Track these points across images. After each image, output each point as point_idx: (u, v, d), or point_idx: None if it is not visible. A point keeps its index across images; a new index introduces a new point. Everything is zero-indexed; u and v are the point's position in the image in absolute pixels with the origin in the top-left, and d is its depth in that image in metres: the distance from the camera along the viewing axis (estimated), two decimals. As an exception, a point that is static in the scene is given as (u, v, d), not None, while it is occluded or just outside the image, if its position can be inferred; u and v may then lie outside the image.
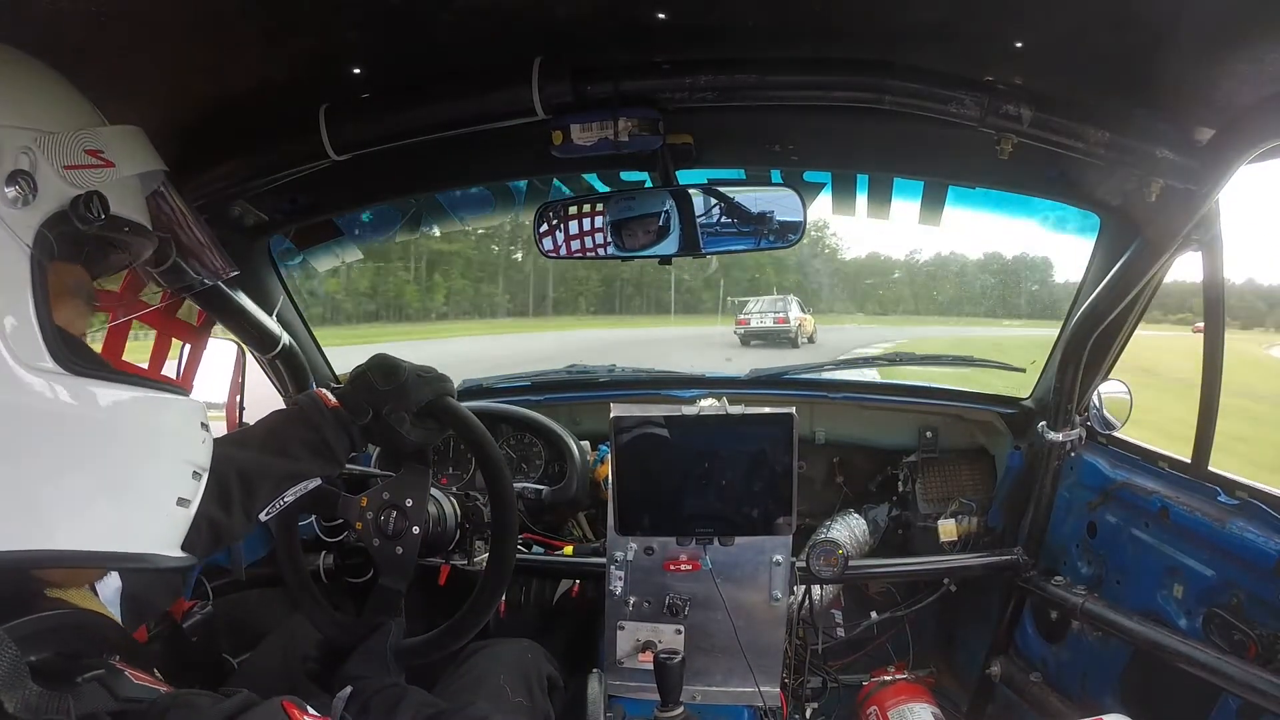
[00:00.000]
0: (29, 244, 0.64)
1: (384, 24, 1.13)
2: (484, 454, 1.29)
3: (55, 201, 0.66)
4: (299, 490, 1.15)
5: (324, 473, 1.19)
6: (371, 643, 1.21)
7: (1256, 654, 1.27)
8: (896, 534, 2.11)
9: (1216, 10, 1.00)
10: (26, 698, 0.54)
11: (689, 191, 1.54)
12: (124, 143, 0.74)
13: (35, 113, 0.68)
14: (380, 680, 1.11)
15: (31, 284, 0.63)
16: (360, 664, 1.19)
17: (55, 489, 0.64)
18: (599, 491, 1.90)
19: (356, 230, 1.90)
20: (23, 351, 0.62)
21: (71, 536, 0.64)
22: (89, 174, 0.69)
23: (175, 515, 0.74)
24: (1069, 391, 1.69)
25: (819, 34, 1.23)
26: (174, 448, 0.74)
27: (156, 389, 0.73)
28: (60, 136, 0.68)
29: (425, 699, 1.02)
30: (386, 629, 1.23)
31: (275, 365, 1.88)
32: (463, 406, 1.29)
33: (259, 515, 1.11)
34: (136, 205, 0.76)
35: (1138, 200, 1.39)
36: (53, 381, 0.63)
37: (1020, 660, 1.91)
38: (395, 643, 1.23)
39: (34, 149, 0.65)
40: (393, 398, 1.22)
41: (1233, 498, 1.39)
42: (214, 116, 1.26)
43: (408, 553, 1.31)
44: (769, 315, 16.64)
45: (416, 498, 1.32)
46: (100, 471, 0.67)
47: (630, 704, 1.60)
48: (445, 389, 1.27)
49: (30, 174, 0.64)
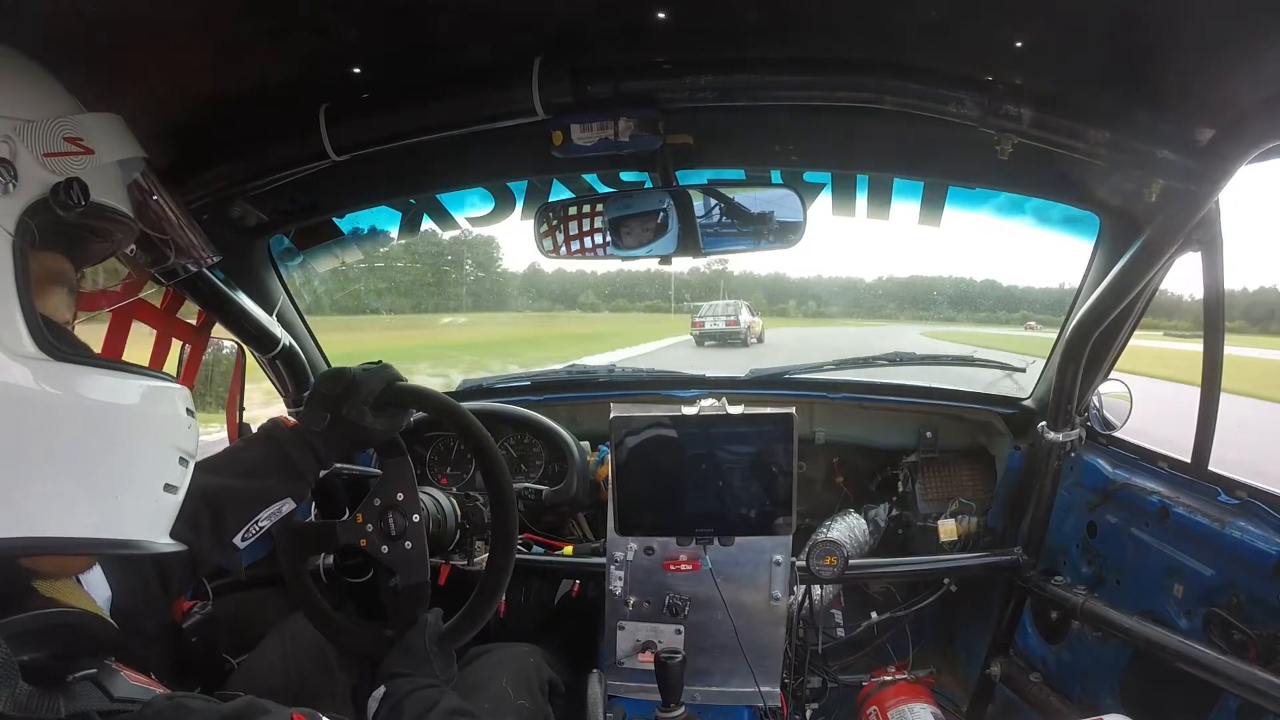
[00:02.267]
0: (10, 231, 0.64)
1: (384, 24, 1.14)
2: (455, 420, 1.29)
3: (36, 189, 0.66)
4: (273, 514, 1.15)
5: (293, 491, 1.17)
6: (410, 638, 1.20)
7: (1256, 654, 1.26)
8: (896, 534, 2.11)
9: (1216, 10, 1.00)
10: (16, 695, 0.54)
11: (689, 192, 1.54)
12: (103, 130, 0.74)
13: (13, 101, 0.68)
14: (415, 680, 1.10)
15: (14, 271, 0.63)
16: (400, 660, 1.17)
17: (41, 475, 0.63)
18: (599, 491, 1.90)
19: (356, 231, 1.90)
20: (6, 338, 0.62)
21: (59, 523, 0.64)
22: (69, 161, 0.69)
23: (163, 501, 0.73)
24: (1069, 391, 1.69)
25: (819, 34, 1.23)
26: (160, 433, 0.73)
27: (141, 374, 0.73)
28: (39, 124, 0.68)
29: (457, 705, 1.02)
30: (423, 624, 1.22)
31: (275, 365, 1.88)
32: (416, 385, 1.31)
33: (234, 540, 1.10)
34: (117, 192, 0.76)
35: (1138, 200, 1.39)
36: (37, 367, 0.63)
37: (1020, 660, 1.91)
38: (434, 634, 1.21)
39: (14, 137, 0.66)
40: (345, 397, 1.23)
41: (1233, 498, 1.39)
42: (214, 116, 1.26)
43: (417, 545, 1.31)
44: (721, 318, 18.36)
45: (406, 490, 1.32)
46: (86, 457, 0.66)
47: (630, 704, 1.60)
48: (393, 374, 1.28)
49: (10, 162, 0.65)
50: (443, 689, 1.09)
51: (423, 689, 1.07)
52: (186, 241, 0.90)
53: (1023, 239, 9.14)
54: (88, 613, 0.73)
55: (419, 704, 1.04)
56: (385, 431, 1.27)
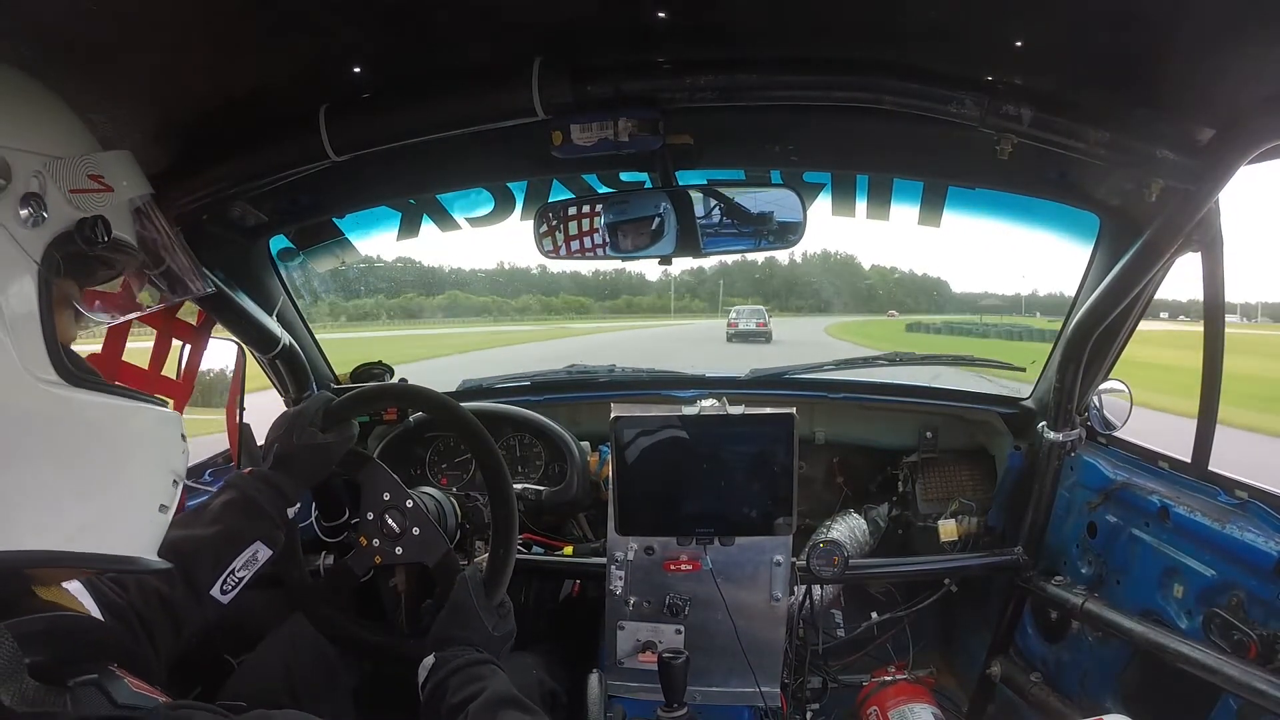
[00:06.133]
0: (38, 261, 0.68)
1: (384, 24, 1.13)
2: (420, 398, 1.35)
3: (62, 223, 0.70)
4: (247, 559, 1.14)
5: (261, 533, 1.17)
6: (456, 598, 1.20)
7: (1256, 654, 1.26)
8: (896, 534, 2.11)
9: (1216, 10, 0.99)
10: (23, 690, 0.55)
11: (689, 192, 1.54)
12: (120, 167, 0.78)
13: (44, 137, 0.71)
14: (465, 652, 1.10)
15: (38, 299, 0.68)
16: (450, 622, 1.17)
17: (52, 493, 0.67)
18: (599, 492, 1.90)
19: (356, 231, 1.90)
20: (31, 363, 0.66)
21: (67, 539, 0.67)
22: (92, 198, 0.73)
23: (156, 521, 0.77)
24: (1069, 391, 1.69)
25: (819, 34, 1.23)
26: (159, 455, 0.78)
27: (144, 400, 0.77)
28: (66, 161, 0.72)
29: (503, 693, 1.00)
30: (463, 581, 1.21)
31: (275, 365, 1.88)
32: (353, 391, 1.34)
33: (211, 592, 1.10)
34: (127, 226, 0.80)
35: (1138, 200, 1.39)
36: (56, 392, 0.67)
37: (1020, 660, 1.91)
38: (478, 587, 1.21)
39: (44, 173, 0.69)
40: (285, 426, 1.26)
41: (1233, 498, 1.40)
42: (214, 116, 1.26)
43: (425, 527, 1.32)
44: (752, 320, 22.61)
45: (388, 488, 1.33)
46: (94, 477, 0.70)
47: (630, 704, 1.60)
48: (326, 395, 1.33)
49: (41, 196, 0.68)
50: (491, 665, 1.09)
51: (471, 664, 1.07)
52: (183, 272, 0.93)
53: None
54: (88, 617, 0.74)
55: (463, 684, 1.02)
56: (340, 443, 1.29)
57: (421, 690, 1.09)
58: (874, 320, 34.48)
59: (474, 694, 1.00)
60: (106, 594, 0.95)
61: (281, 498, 1.21)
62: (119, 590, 0.99)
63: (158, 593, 1.03)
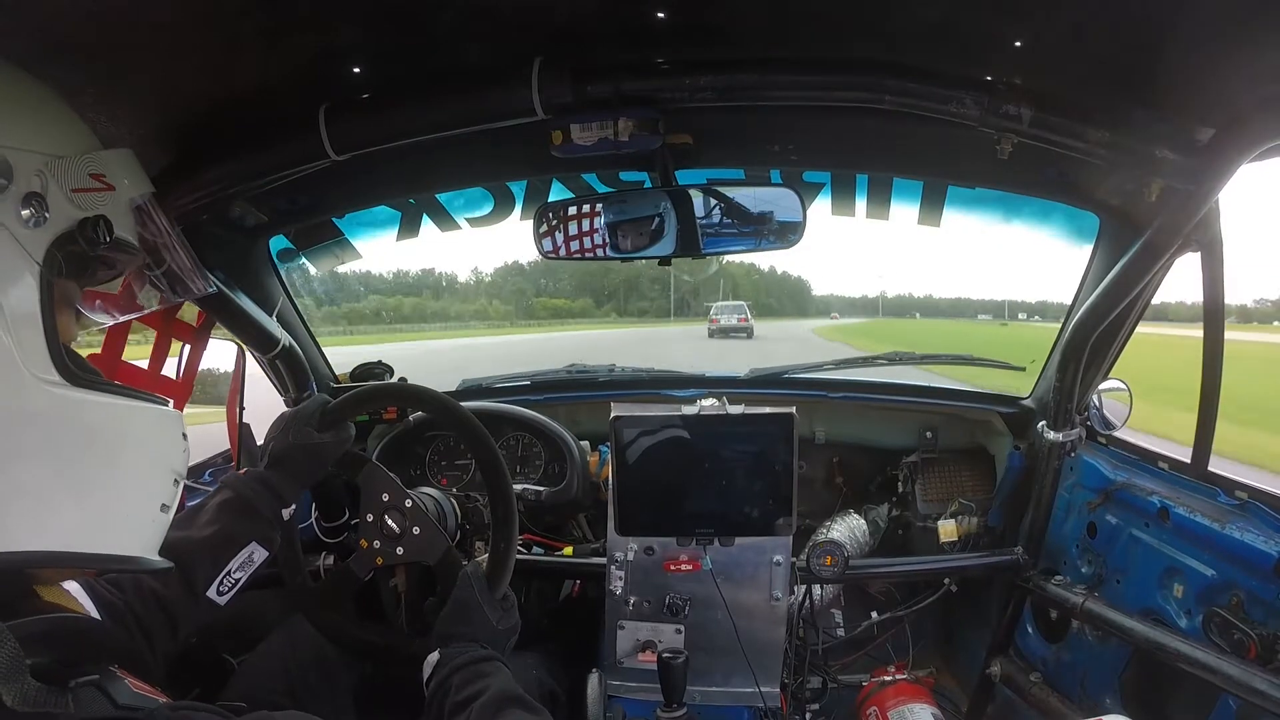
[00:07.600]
0: (39, 262, 0.68)
1: (384, 24, 1.13)
2: (419, 397, 1.34)
3: (63, 223, 0.70)
4: (244, 560, 1.14)
5: (259, 534, 1.16)
6: (458, 594, 1.18)
7: (1256, 654, 1.26)
8: (896, 534, 2.11)
9: (1216, 10, 0.99)
10: (25, 691, 0.56)
11: (689, 192, 1.54)
12: (122, 166, 0.78)
13: (45, 136, 0.71)
14: (469, 648, 1.09)
15: (40, 300, 0.68)
16: (453, 618, 1.16)
17: (56, 493, 0.67)
18: (599, 492, 1.90)
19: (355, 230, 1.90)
20: (33, 363, 0.66)
21: (70, 538, 0.67)
22: (93, 197, 0.73)
23: (158, 520, 0.77)
24: (1069, 391, 1.69)
25: (819, 34, 1.23)
26: (161, 455, 0.78)
27: (146, 400, 0.77)
28: (68, 160, 0.72)
29: (505, 691, 1.00)
30: (465, 577, 1.20)
31: (275, 365, 1.88)
32: (353, 392, 1.34)
33: (208, 593, 1.10)
34: (129, 226, 0.80)
35: (1138, 200, 1.39)
36: (57, 392, 0.67)
37: (1020, 660, 1.91)
38: (479, 582, 1.20)
39: (45, 172, 0.69)
40: (282, 426, 1.26)
41: (1232, 498, 1.40)
42: (214, 116, 1.26)
43: (425, 525, 1.32)
44: (733, 316, 22.83)
45: (387, 489, 1.32)
46: (97, 477, 0.70)
47: (630, 704, 1.60)
48: (324, 397, 1.33)
49: (42, 196, 0.68)
50: (495, 663, 1.08)
51: (475, 662, 1.06)
52: (185, 271, 0.93)
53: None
54: (89, 618, 0.74)
55: (467, 682, 1.02)
56: (336, 444, 1.28)
57: (425, 687, 1.08)
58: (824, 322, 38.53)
59: (478, 692, 0.99)
60: (104, 595, 0.95)
61: (277, 498, 1.20)
62: (116, 591, 0.98)
63: (155, 593, 1.03)
